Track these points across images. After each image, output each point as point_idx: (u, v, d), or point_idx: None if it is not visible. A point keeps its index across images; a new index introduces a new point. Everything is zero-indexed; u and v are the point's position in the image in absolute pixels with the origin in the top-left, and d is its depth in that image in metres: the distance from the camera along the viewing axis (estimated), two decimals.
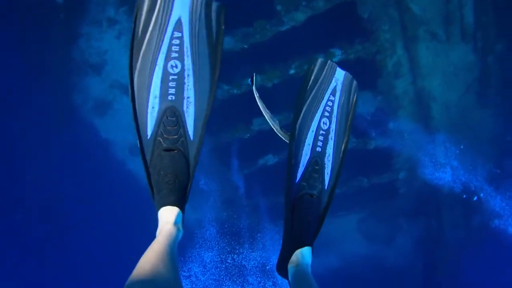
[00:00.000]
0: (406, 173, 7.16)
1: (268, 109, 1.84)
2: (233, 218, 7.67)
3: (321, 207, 1.72)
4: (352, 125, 1.76)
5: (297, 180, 1.69)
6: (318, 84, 1.77)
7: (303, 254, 1.62)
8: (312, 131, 1.72)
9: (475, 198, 7.67)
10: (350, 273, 8.55)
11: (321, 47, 6.14)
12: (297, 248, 1.63)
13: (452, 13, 6.65)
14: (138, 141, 1.53)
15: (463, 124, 7.62)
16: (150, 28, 1.52)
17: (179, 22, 1.53)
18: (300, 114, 1.73)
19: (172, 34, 1.53)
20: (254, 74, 1.91)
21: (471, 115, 7.69)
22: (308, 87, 1.77)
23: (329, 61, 1.83)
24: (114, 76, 8.02)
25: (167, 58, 1.54)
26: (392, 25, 6.41)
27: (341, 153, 1.78)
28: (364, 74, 6.32)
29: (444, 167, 7.16)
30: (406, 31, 6.51)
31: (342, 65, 6.28)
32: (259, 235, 7.73)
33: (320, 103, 1.76)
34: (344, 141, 1.78)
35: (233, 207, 7.61)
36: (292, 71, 6.11)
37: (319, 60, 1.81)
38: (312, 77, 1.78)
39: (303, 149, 1.71)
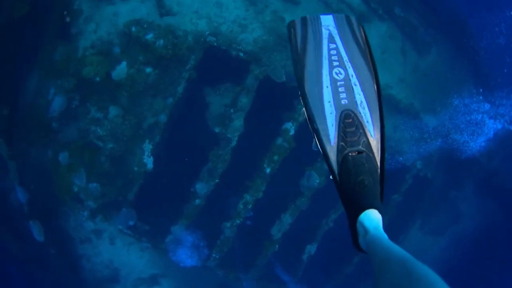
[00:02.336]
0: (421, 160, 7.05)
1: None
2: None
3: (375, 160, 1.54)
4: (373, 58, 1.64)
5: (332, 143, 1.54)
6: (308, 41, 1.68)
7: (368, 219, 1.41)
8: (327, 87, 1.60)
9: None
10: (457, 265, 8.06)
11: (274, 132, 6.23)
12: (359, 215, 1.43)
13: (333, 9, 6.84)
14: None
15: (426, 80, 7.67)
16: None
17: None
18: (303, 78, 1.62)
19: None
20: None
21: (424, 68, 7.78)
22: (299, 49, 1.68)
23: (308, 16, 1.75)
24: (133, 276, 7.97)
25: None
26: None
27: (375, 93, 1.61)
28: None
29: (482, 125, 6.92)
30: None
31: (301, 129, 6.21)
32: None
33: (321, 57, 1.65)
34: (373, 79, 1.63)
35: None
36: (268, 170, 6.12)
37: (296, 21, 1.73)
38: (299, 39, 1.70)
39: (323, 110, 1.57)
